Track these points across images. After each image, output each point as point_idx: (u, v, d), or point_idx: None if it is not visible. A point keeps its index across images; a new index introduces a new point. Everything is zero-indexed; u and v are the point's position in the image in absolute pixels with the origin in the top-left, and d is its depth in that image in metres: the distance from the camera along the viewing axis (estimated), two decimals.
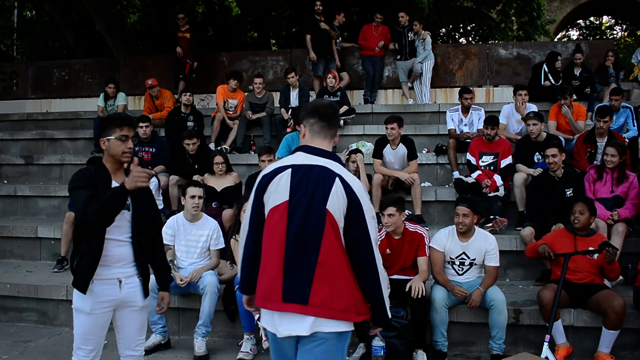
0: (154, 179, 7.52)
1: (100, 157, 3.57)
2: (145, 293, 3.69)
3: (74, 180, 3.46)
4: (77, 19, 16.87)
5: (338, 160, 3.01)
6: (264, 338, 5.23)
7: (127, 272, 3.60)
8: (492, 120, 7.64)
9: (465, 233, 5.43)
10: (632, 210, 6.49)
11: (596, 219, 5.93)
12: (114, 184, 3.50)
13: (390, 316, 3.05)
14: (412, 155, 7.63)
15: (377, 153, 7.69)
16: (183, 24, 11.77)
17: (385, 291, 3.00)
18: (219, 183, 7.47)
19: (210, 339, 5.68)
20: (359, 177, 7.24)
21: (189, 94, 9.62)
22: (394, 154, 7.66)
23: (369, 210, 2.94)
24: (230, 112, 10.08)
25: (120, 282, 3.57)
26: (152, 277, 5.61)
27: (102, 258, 3.48)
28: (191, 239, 5.88)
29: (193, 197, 5.85)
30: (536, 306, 5.32)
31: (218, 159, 7.54)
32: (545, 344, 4.91)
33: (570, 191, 6.55)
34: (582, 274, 5.28)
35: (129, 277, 3.60)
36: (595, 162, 7.27)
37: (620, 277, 5.84)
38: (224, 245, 5.97)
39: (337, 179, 2.87)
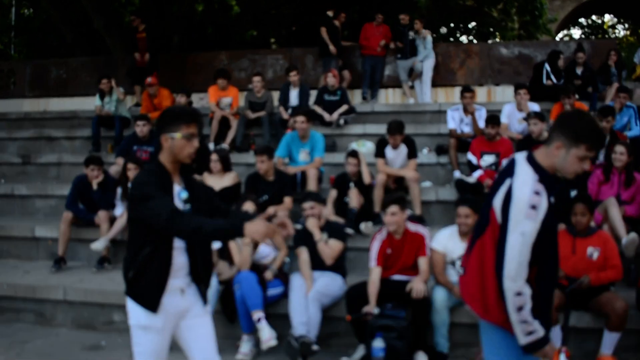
0: None
1: (98, 156, 3.43)
2: (205, 300, 3.37)
3: (143, 184, 3.09)
4: (74, 17, 16.79)
5: None
6: (263, 339, 5.18)
7: (187, 280, 3.27)
8: (493, 119, 7.59)
9: (466, 233, 5.39)
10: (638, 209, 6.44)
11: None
12: (176, 187, 3.21)
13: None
14: (412, 154, 7.58)
15: (380, 153, 7.64)
16: (138, 24, 11.79)
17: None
18: (217, 182, 7.42)
19: None
20: (359, 177, 7.23)
21: (183, 96, 9.55)
22: (396, 153, 7.61)
23: None
24: (227, 111, 9.99)
25: (182, 291, 3.24)
26: None
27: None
28: None
29: None
30: None
31: (213, 156, 7.52)
32: (562, 354, 4.92)
33: (575, 191, 6.50)
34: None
35: (189, 285, 3.28)
36: (597, 161, 7.20)
37: None
38: (221, 245, 5.91)
39: None
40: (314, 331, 5.27)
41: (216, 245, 5.88)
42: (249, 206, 5.75)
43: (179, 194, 3.21)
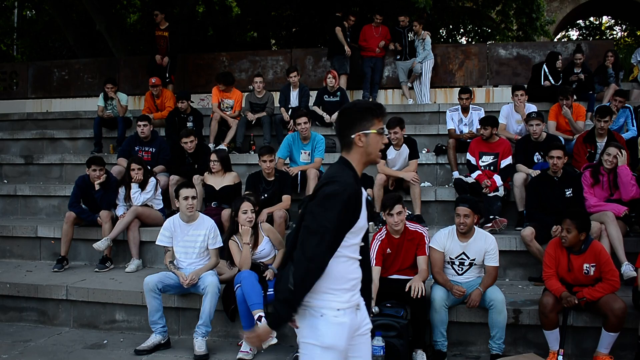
0: (152, 179, 7.55)
1: (100, 157, 3.30)
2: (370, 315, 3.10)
3: (345, 199, 2.73)
4: (77, 19, 16.88)
5: None
6: None
7: (359, 295, 2.98)
8: (487, 120, 7.65)
9: (465, 233, 5.44)
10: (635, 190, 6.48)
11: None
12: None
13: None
14: (413, 154, 7.64)
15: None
16: (161, 22, 11.45)
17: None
18: (217, 182, 7.50)
19: (210, 339, 5.68)
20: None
21: (184, 102, 9.54)
22: (398, 154, 7.67)
23: None
24: (228, 113, 10.05)
25: (358, 307, 2.94)
26: (150, 277, 5.65)
27: (349, 282, 2.89)
28: (189, 240, 5.88)
29: (186, 198, 5.86)
30: (536, 306, 5.32)
31: (213, 156, 7.59)
32: (560, 357, 5.02)
33: (570, 191, 6.57)
34: (581, 289, 5.22)
35: (359, 299, 2.98)
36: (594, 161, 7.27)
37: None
38: (222, 244, 5.97)
39: None
40: None
41: (217, 244, 5.94)
42: (247, 206, 5.80)
43: (367, 197, 3.02)
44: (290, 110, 9.88)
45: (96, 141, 10.21)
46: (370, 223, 6.96)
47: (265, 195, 7.13)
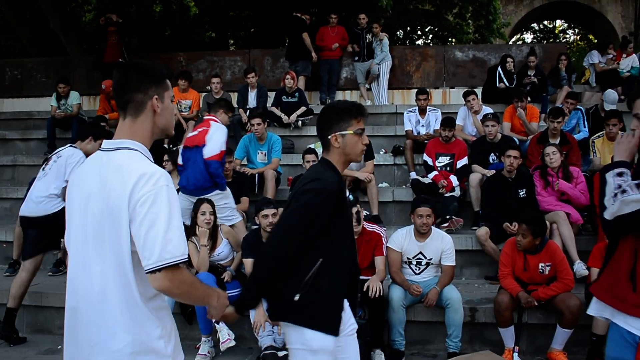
0: None
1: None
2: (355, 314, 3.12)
3: (323, 195, 2.78)
4: (30, 17, 16.51)
5: None
6: (221, 340, 5.20)
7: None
8: (449, 121, 7.75)
9: (426, 233, 5.49)
10: (581, 197, 6.60)
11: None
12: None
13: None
14: (368, 155, 7.67)
15: None
16: (117, 19, 11.55)
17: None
18: (174, 182, 7.41)
19: None
20: None
21: None
22: None
23: None
24: (185, 113, 9.97)
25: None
26: None
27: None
28: None
29: None
30: (491, 304, 5.41)
31: (165, 157, 7.61)
32: (515, 354, 5.11)
33: (524, 192, 6.68)
34: (536, 287, 5.31)
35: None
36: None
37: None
38: None
39: None
40: (279, 338, 5.26)
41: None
42: (206, 207, 5.76)
43: (348, 197, 3.02)
44: (249, 111, 9.84)
45: (50, 142, 9.99)
46: None
47: None
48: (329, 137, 2.92)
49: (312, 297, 2.80)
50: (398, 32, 19.79)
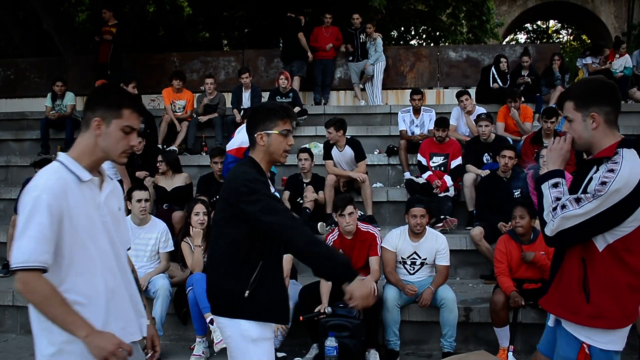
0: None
1: (48, 158, 3.35)
2: None
3: (255, 181, 2.84)
4: (23, 17, 16.45)
5: None
6: (215, 341, 5.20)
7: None
8: (442, 122, 7.76)
9: (418, 233, 5.50)
10: None
11: None
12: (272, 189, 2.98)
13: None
14: (359, 156, 7.68)
15: (327, 155, 7.74)
16: (109, 18, 11.37)
17: None
18: (169, 183, 7.42)
19: (161, 343, 5.58)
20: (310, 176, 7.33)
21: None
22: (341, 155, 7.72)
23: None
24: (179, 113, 9.96)
25: None
26: None
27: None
28: (140, 243, 5.79)
29: (139, 200, 5.78)
30: (486, 304, 5.42)
31: (159, 158, 7.56)
32: (510, 354, 5.10)
33: (518, 191, 6.69)
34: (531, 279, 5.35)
35: None
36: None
37: None
38: (173, 248, 5.91)
39: None
40: (276, 340, 5.26)
41: (168, 247, 5.89)
42: (199, 208, 5.75)
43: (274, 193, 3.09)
44: (243, 111, 9.83)
45: (43, 143, 9.95)
46: (322, 224, 7.00)
47: (217, 197, 7.06)
48: (255, 135, 3.01)
49: (258, 291, 2.88)
50: (392, 33, 19.80)
